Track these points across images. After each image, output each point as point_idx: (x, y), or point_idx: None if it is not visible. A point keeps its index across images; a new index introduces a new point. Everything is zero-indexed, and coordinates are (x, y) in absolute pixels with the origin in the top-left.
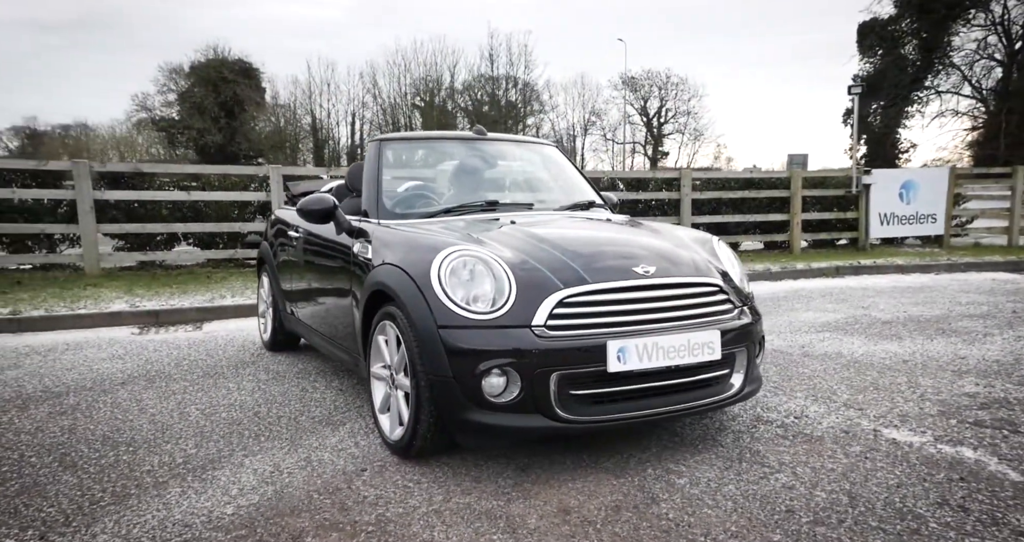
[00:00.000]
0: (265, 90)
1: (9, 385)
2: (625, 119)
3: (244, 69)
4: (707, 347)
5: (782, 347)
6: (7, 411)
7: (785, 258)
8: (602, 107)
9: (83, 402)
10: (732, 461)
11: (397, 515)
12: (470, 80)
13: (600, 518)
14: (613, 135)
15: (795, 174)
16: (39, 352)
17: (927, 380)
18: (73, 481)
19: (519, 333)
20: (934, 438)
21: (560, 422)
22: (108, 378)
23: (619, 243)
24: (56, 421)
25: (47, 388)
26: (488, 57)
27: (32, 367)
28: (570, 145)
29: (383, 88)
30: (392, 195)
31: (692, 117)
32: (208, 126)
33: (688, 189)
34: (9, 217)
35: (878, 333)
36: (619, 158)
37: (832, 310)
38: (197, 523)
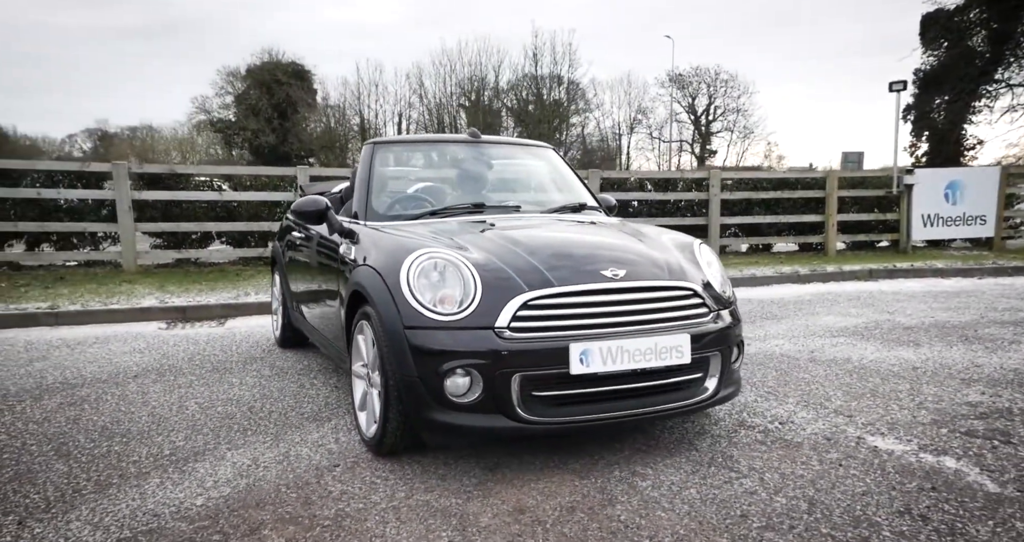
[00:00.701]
0: (316, 91)
1: (32, 376)
2: (671, 117)
3: (297, 71)
4: (676, 351)
5: (790, 351)
6: (23, 401)
7: (817, 260)
8: (648, 105)
9: (94, 394)
10: (701, 465)
11: (356, 511)
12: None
13: (552, 518)
14: (659, 133)
15: (831, 174)
16: (69, 345)
17: (931, 388)
18: (63, 469)
19: (482, 334)
20: (918, 447)
21: (521, 423)
22: (124, 371)
23: (593, 246)
24: (64, 411)
25: (65, 380)
26: (532, 56)
27: (58, 359)
28: (615, 144)
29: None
30: (381, 197)
31: (742, 115)
32: (262, 127)
33: (717, 189)
34: (56, 216)
35: (896, 339)
36: (665, 157)
37: (855, 314)
38: (166, 513)
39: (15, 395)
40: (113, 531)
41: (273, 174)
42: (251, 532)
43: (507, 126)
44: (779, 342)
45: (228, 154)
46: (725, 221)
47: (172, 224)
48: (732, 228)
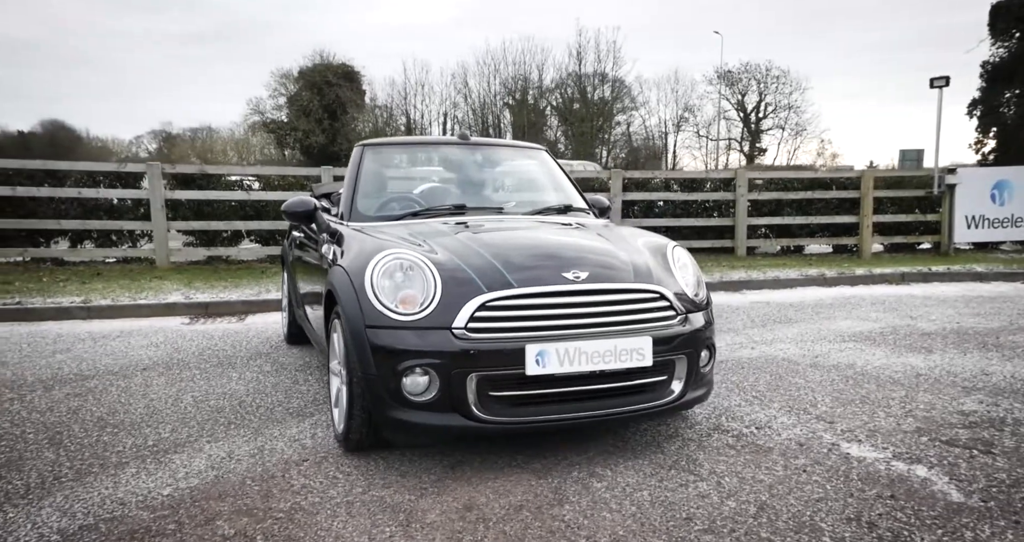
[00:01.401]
0: (365, 92)
1: (51, 367)
2: (719, 115)
3: (347, 73)
4: (636, 353)
5: (794, 356)
6: (35, 390)
7: (848, 263)
8: (696, 103)
9: (100, 386)
10: (663, 468)
11: (311, 504)
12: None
13: (498, 516)
14: (707, 132)
15: (866, 174)
16: (94, 338)
17: (926, 396)
18: (51, 457)
19: (439, 334)
20: (892, 455)
21: (477, 422)
22: (135, 364)
23: (560, 248)
24: (68, 402)
25: (80, 372)
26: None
27: (79, 352)
28: (661, 142)
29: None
30: (367, 198)
31: (794, 111)
32: (312, 128)
33: (744, 190)
34: (96, 215)
35: (908, 345)
36: (712, 155)
37: (874, 319)
38: (132, 502)
39: (29, 385)
40: (79, 518)
41: (300, 174)
42: (206, 522)
43: (551, 125)
44: (785, 346)
45: (281, 154)
46: (753, 222)
47: (203, 222)
48: (762, 229)
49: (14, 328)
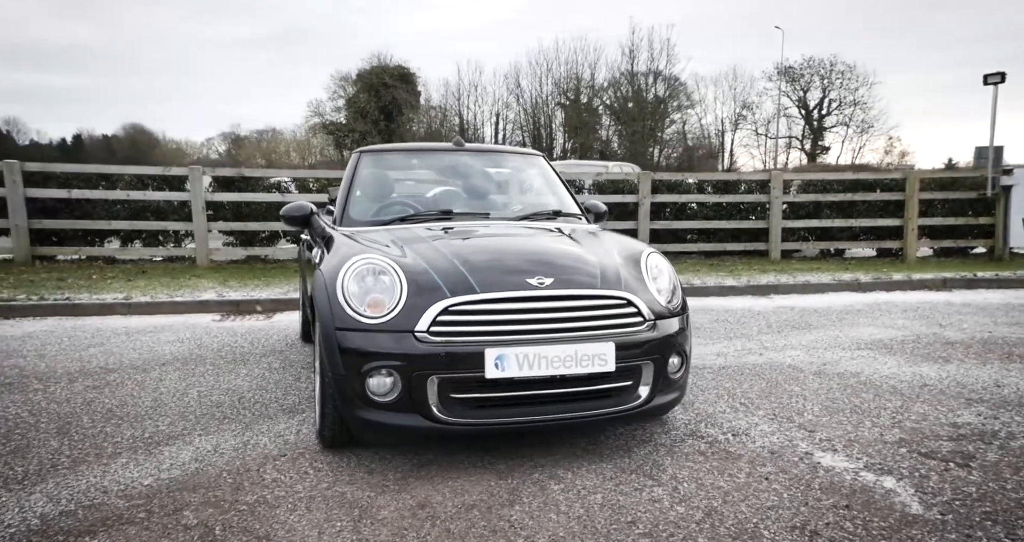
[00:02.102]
0: (420, 93)
1: (82, 360)
2: (779, 112)
3: (403, 74)
4: (599, 359)
5: (800, 363)
6: (59, 382)
7: (889, 267)
8: (755, 100)
9: (119, 379)
10: (624, 472)
11: (275, 498)
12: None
13: (448, 515)
14: (766, 130)
15: (911, 175)
16: (128, 333)
17: (923, 406)
18: (55, 446)
19: (402, 337)
20: (864, 465)
21: (437, 423)
22: (157, 359)
23: (530, 254)
24: (85, 394)
25: (105, 365)
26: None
27: (111, 346)
28: (718, 141)
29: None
30: (359, 203)
31: (860, 108)
32: (369, 129)
33: (778, 192)
34: (144, 216)
35: (926, 354)
36: (771, 154)
37: (900, 327)
38: (113, 490)
39: (57, 376)
40: (62, 504)
41: (332, 177)
42: (173, 512)
43: (605, 124)
44: (794, 353)
45: (339, 155)
46: (789, 225)
47: (241, 223)
48: (801, 232)
49: (61, 322)
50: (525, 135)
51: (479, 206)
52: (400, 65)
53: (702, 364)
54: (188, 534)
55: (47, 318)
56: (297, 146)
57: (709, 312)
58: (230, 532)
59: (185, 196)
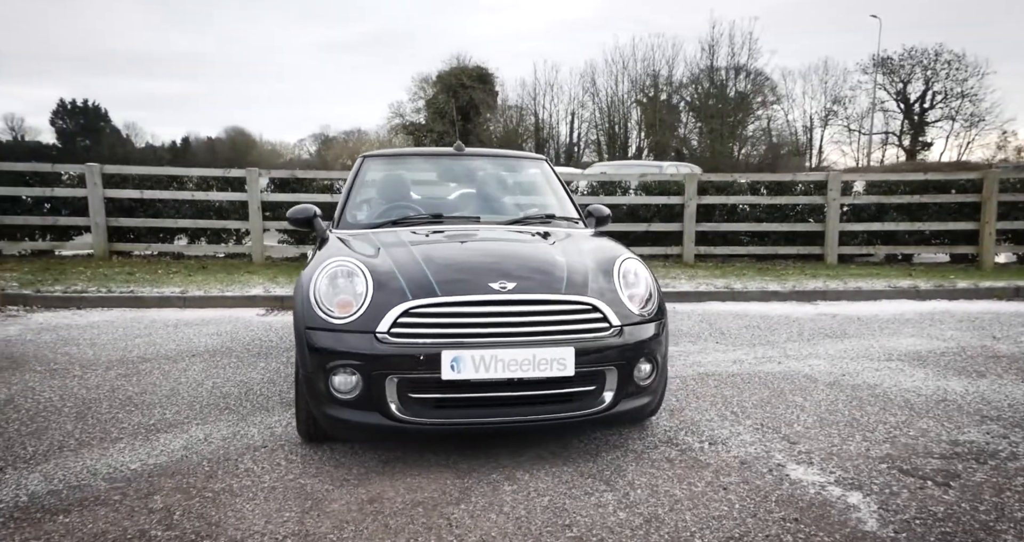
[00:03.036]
0: (498, 94)
1: (126, 350)
2: (875, 106)
3: (481, 75)
4: (557, 363)
5: (818, 373)
6: (96, 369)
7: (959, 274)
8: (847, 94)
9: (148, 369)
10: (582, 476)
11: (241, 487)
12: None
13: (392, 510)
14: (860, 125)
15: (988, 175)
16: (176, 325)
17: (929, 422)
18: (68, 429)
19: (364, 338)
20: (835, 479)
21: (395, 422)
22: (190, 350)
23: (497, 259)
24: (114, 382)
25: (143, 355)
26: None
27: (157, 337)
28: (806, 137)
29: (601, 87)
30: (357, 207)
31: (969, 100)
32: (446, 129)
33: (836, 193)
34: (207, 215)
35: (963, 368)
36: (864, 150)
37: (947, 338)
38: (102, 473)
39: (95, 364)
40: (53, 483)
41: None
42: (145, 496)
43: (684, 121)
44: (816, 362)
45: None
46: (848, 228)
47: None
48: (864, 235)
49: (123, 313)
50: (600, 134)
51: (472, 210)
52: (479, 66)
53: (712, 371)
54: (150, 517)
55: (112, 309)
56: (381, 145)
57: (743, 318)
58: (186, 517)
59: (244, 196)
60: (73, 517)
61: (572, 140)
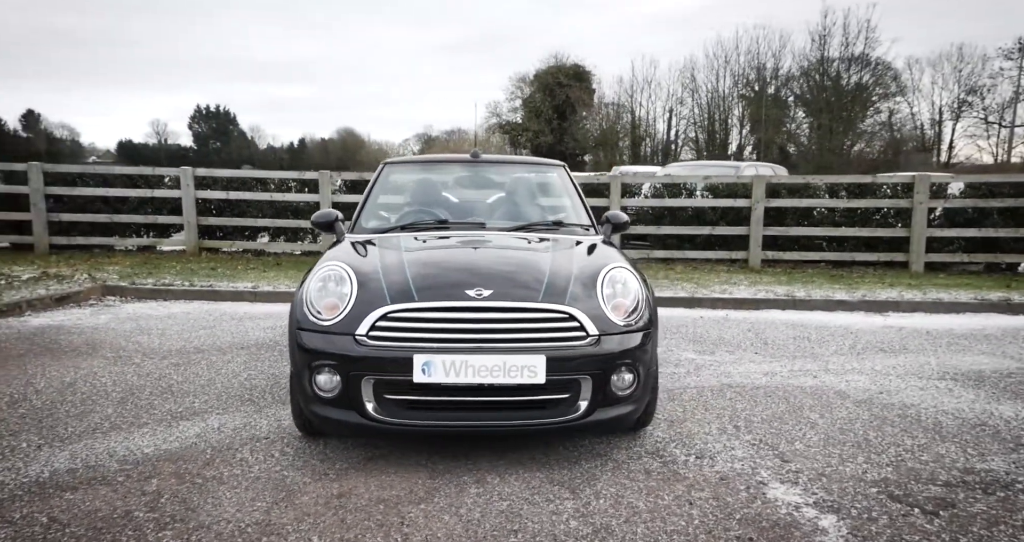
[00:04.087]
0: (595, 91)
1: (187, 341)
2: (1018, 96)
3: (578, 73)
4: (528, 370)
5: (852, 390)
6: (154, 358)
7: None
8: (986, 83)
9: (198, 360)
10: (551, 483)
11: (229, 476)
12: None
13: (357, 506)
14: (1000, 117)
15: None
16: (239, 319)
17: (950, 448)
18: (108, 413)
19: (344, 339)
20: (814, 501)
21: (370, 421)
22: (240, 343)
23: (479, 266)
24: (163, 371)
25: (199, 346)
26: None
27: (217, 330)
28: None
29: (701, 83)
30: (373, 211)
31: None
32: (542, 128)
33: (924, 196)
34: (285, 215)
35: (1013, 391)
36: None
37: (1012, 356)
38: (118, 455)
39: (155, 353)
40: (76, 463)
41: None
42: (144, 479)
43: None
44: (855, 378)
45: (514, 153)
46: (939, 234)
47: None
48: (960, 241)
49: (200, 306)
50: (698, 131)
51: (479, 216)
52: (576, 64)
53: (736, 383)
54: (140, 499)
55: (193, 301)
56: (479, 144)
57: (796, 328)
58: (170, 501)
59: (316, 198)
60: (77, 494)
61: (669, 138)
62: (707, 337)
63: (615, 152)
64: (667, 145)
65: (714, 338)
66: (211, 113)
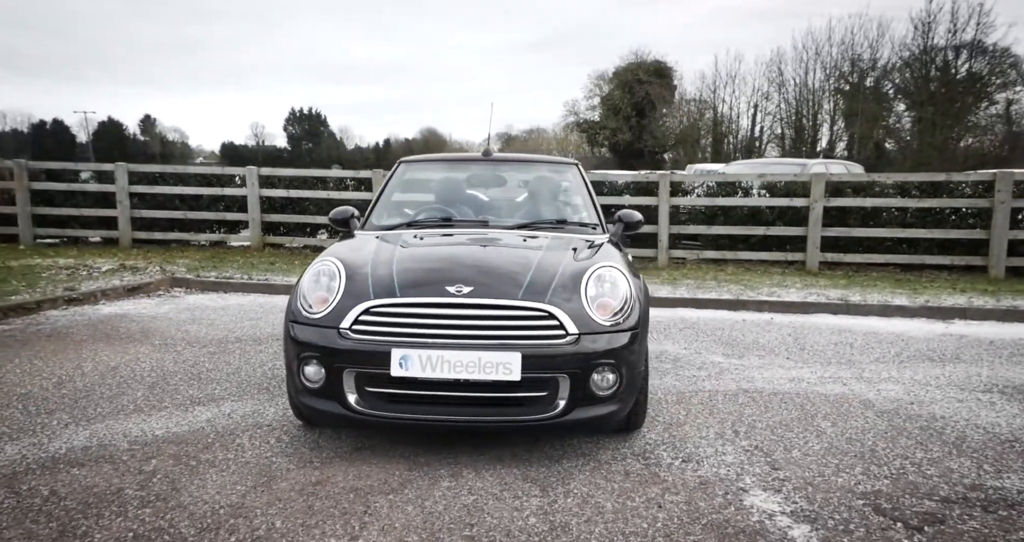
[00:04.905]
0: (676, 88)
1: (231, 331)
2: None
3: (658, 69)
4: (503, 367)
5: (880, 399)
6: (194, 347)
7: None
8: None
9: (234, 349)
10: (524, 480)
11: (223, 460)
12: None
13: (329, 493)
14: None
15: None
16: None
17: (964, 463)
18: (138, 395)
19: (329, 332)
20: (791, 511)
21: (352, 412)
22: (276, 335)
23: (463, 263)
24: (197, 358)
25: (240, 336)
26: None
27: (261, 321)
28: None
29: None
30: (384, 209)
31: None
32: (620, 125)
33: (1005, 195)
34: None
35: None
36: None
37: None
38: (132, 434)
39: (198, 342)
40: (93, 440)
41: None
42: (145, 459)
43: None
44: (889, 387)
45: (591, 152)
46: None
47: None
48: None
49: (256, 298)
50: (784, 127)
51: (482, 214)
52: (657, 60)
53: (755, 388)
54: (136, 477)
55: (250, 294)
56: (557, 143)
57: (842, 333)
58: (161, 481)
59: (370, 195)
60: (82, 470)
61: (753, 134)
62: (741, 341)
63: (695, 150)
64: (750, 142)
65: (748, 342)
66: (304, 115)
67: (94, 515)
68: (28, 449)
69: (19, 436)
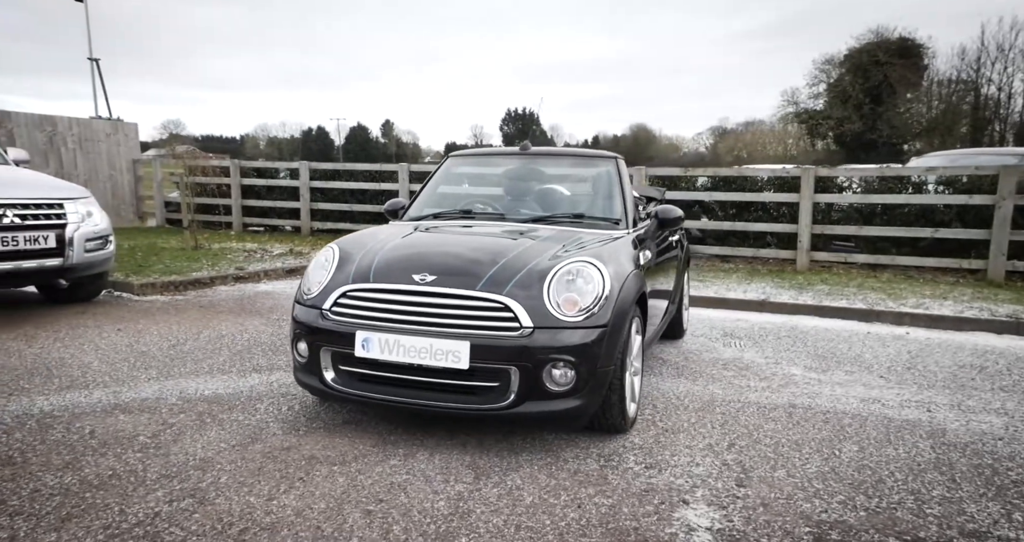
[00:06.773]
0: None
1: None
2: None
3: (902, 49)
4: (452, 355)
5: (963, 430)
6: (253, 319)
7: None
8: None
9: (256, 324)
10: (466, 467)
11: (228, 421)
12: None
13: (283, 459)
14: None
15: None
16: None
17: (986, 504)
18: (219, 360)
19: (314, 312)
20: (720, 527)
21: (326, 387)
22: None
23: (434, 253)
24: (246, 330)
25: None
26: None
27: None
28: None
29: None
30: (423, 200)
31: None
32: (848, 114)
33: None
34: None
35: None
36: None
37: None
38: (187, 391)
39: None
40: (154, 393)
41: None
42: (177, 413)
43: None
44: (986, 418)
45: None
46: None
47: None
48: None
49: None
50: None
51: (501, 208)
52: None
53: (803, 404)
54: (159, 427)
55: None
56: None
57: (981, 356)
58: (171, 432)
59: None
60: (125, 417)
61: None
62: (839, 354)
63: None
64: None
65: (847, 356)
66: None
67: (100, 453)
68: (108, 396)
69: (111, 384)
